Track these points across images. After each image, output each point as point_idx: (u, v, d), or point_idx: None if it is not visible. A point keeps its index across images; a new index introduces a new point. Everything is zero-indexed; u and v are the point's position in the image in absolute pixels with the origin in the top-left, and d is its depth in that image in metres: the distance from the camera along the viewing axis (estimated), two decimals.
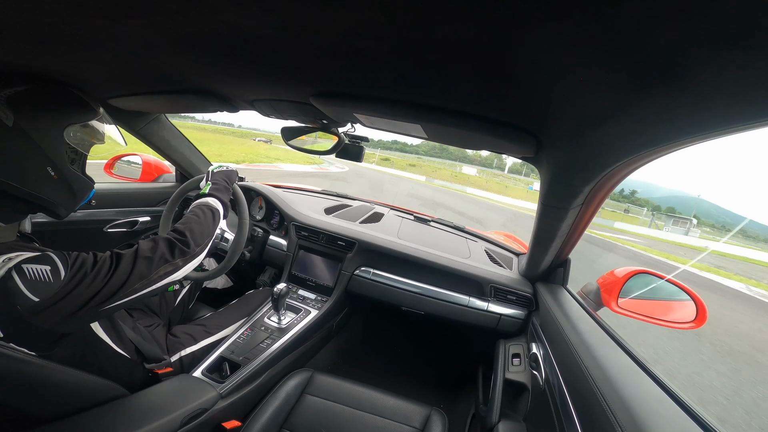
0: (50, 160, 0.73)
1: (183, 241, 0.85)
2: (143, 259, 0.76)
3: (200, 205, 1.00)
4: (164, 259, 0.79)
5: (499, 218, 15.64)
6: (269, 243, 1.68)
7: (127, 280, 0.72)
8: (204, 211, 0.97)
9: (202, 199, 1.04)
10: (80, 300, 0.65)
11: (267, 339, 1.26)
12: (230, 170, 1.22)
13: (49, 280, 0.62)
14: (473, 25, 0.36)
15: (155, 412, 0.83)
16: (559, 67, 0.41)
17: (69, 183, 0.79)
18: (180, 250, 0.83)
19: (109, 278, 0.70)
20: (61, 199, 0.79)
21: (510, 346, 1.35)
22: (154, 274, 0.76)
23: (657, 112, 0.44)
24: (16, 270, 0.60)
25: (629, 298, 1.14)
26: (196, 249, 0.86)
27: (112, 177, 1.85)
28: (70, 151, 0.78)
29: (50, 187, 0.75)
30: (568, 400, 0.78)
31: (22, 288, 0.59)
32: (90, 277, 0.67)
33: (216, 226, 0.98)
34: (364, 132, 1.17)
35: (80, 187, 0.83)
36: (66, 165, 0.77)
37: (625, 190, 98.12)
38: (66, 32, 0.56)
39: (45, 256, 0.65)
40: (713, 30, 0.28)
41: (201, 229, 0.91)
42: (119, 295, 0.71)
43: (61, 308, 0.63)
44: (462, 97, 0.61)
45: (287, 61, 0.61)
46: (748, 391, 3.04)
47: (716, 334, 4.46)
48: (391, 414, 1.08)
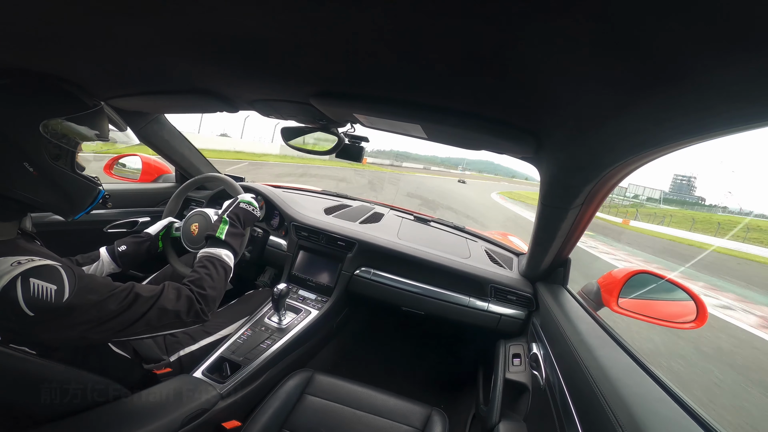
0: (26, 155, 0.69)
1: (201, 309, 0.83)
2: (159, 309, 0.75)
3: (215, 260, 0.94)
4: (179, 318, 0.79)
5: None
6: (269, 243, 1.68)
7: (133, 325, 0.72)
8: (218, 271, 0.92)
9: (217, 250, 0.96)
10: (72, 326, 0.65)
11: (267, 339, 1.26)
12: (253, 214, 1.14)
13: (51, 299, 0.62)
14: (473, 25, 0.36)
15: (156, 413, 0.83)
16: (559, 67, 0.41)
17: (54, 180, 0.74)
18: (195, 313, 0.82)
19: (115, 316, 0.70)
20: (52, 199, 0.76)
21: (510, 346, 1.35)
22: (161, 325, 0.77)
23: (657, 112, 0.44)
24: (22, 280, 0.60)
25: (630, 298, 1.14)
26: (208, 315, 0.86)
27: (112, 177, 1.85)
28: (52, 146, 0.72)
29: (32, 185, 0.71)
30: (568, 400, 0.77)
31: (20, 301, 0.59)
32: (94, 309, 0.67)
33: (226, 287, 0.94)
34: (364, 132, 1.17)
35: (75, 187, 0.79)
36: (46, 161, 0.71)
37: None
38: (66, 32, 0.56)
39: (55, 271, 0.65)
40: (713, 30, 0.28)
41: (215, 294, 0.88)
42: (118, 333, 0.71)
43: (50, 327, 0.64)
44: (462, 96, 0.61)
45: (287, 62, 0.61)
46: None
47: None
48: (392, 414, 1.08)
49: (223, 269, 0.94)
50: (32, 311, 0.60)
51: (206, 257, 0.95)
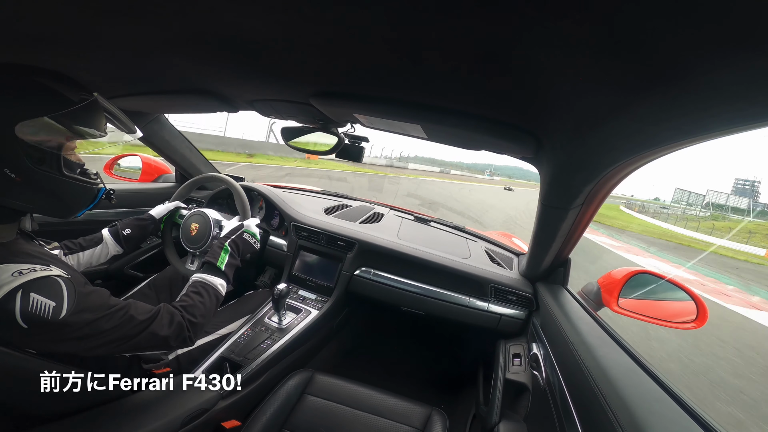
0: (4, 161, 0.64)
1: (189, 336, 0.84)
2: (150, 333, 0.76)
3: (209, 288, 0.95)
4: (167, 344, 0.80)
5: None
6: (269, 243, 1.68)
7: (120, 345, 0.73)
8: (211, 300, 0.93)
9: (213, 279, 0.97)
10: (61, 341, 0.66)
11: (267, 339, 1.26)
12: (253, 246, 1.15)
13: (47, 316, 0.62)
14: (473, 26, 0.36)
15: (156, 413, 0.83)
16: (559, 67, 0.41)
17: (41, 185, 0.69)
18: (183, 339, 0.83)
19: (105, 335, 0.70)
20: (42, 203, 0.72)
21: (510, 346, 1.35)
22: (148, 346, 0.77)
23: (657, 112, 0.43)
24: (23, 294, 0.60)
25: (630, 298, 1.14)
26: (194, 341, 0.87)
27: (112, 177, 1.85)
28: (33, 150, 0.66)
29: (17, 191, 0.67)
30: (568, 400, 0.77)
31: (17, 314, 0.59)
32: (87, 327, 0.67)
33: (214, 315, 0.97)
34: (363, 132, 1.17)
35: (66, 189, 0.74)
36: (27, 165, 0.66)
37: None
38: (65, 33, 0.56)
39: (56, 285, 0.64)
40: (713, 30, 0.28)
41: (204, 322, 0.90)
42: (102, 350, 0.71)
43: (40, 340, 0.64)
44: (462, 97, 0.61)
45: (287, 62, 0.61)
46: None
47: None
48: (392, 414, 1.08)
49: (216, 299, 0.95)
50: (26, 324, 0.60)
51: (201, 284, 0.95)
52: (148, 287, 1.35)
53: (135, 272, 1.70)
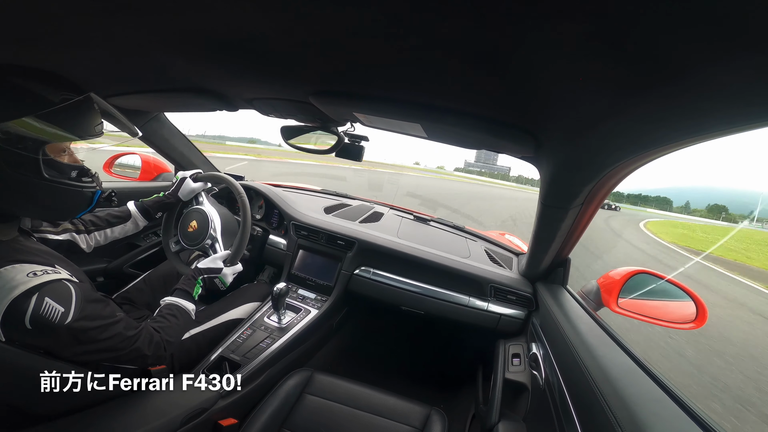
0: None
1: (163, 355, 0.90)
2: (133, 350, 0.80)
3: (183, 313, 1.03)
4: (144, 361, 0.85)
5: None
6: (268, 242, 1.68)
7: (105, 355, 0.76)
8: (183, 323, 1.02)
9: (186, 304, 1.05)
10: (51, 344, 0.67)
11: (267, 338, 1.26)
12: (218, 287, 1.22)
13: (54, 320, 0.63)
14: (473, 26, 0.36)
15: (155, 412, 0.83)
16: (558, 67, 0.41)
17: (21, 190, 0.66)
18: (158, 358, 0.88)
19: (92, 345, 0.72)
20: (29, 207, 0.71)
21: (510, 346, 1.35)
22: (127, 360, 0.81)
23: (656, 112, 0.43)
24: (38, 297, 0.61)
25: (629, 298, 1.14)
26: (165, 360, 0.92)
27: (111, 176, 1.85)
28: (9, 153, 0.63)
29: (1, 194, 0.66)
30: (568, 400, 0.77)
31: (27, 315, 0.61)
32: (82, 334, 0.69)
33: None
34: (363, 131, 1.17)
35: (50, 194, 0.70)
36: (4, 169, 0.63)
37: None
38: (63, 31, 0.56)
39: (67, 291, 0.66)
40: (712, 30, 0.28)
41: (176, 342, 0.98)
42: (84, 357, 0.73)
43: (35, 340, 0.65)
44: (462, 96, 0.60)
45: (286, 60, 0.61)
46: None
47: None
48: (391, 414, 1.08)
49: (186, 323, 1.04)
50: (31, 326, 0.61)
51: (177, 307, 1.02)
52: (144, 282, 1.35)
53: (134, 270, 1.70)
